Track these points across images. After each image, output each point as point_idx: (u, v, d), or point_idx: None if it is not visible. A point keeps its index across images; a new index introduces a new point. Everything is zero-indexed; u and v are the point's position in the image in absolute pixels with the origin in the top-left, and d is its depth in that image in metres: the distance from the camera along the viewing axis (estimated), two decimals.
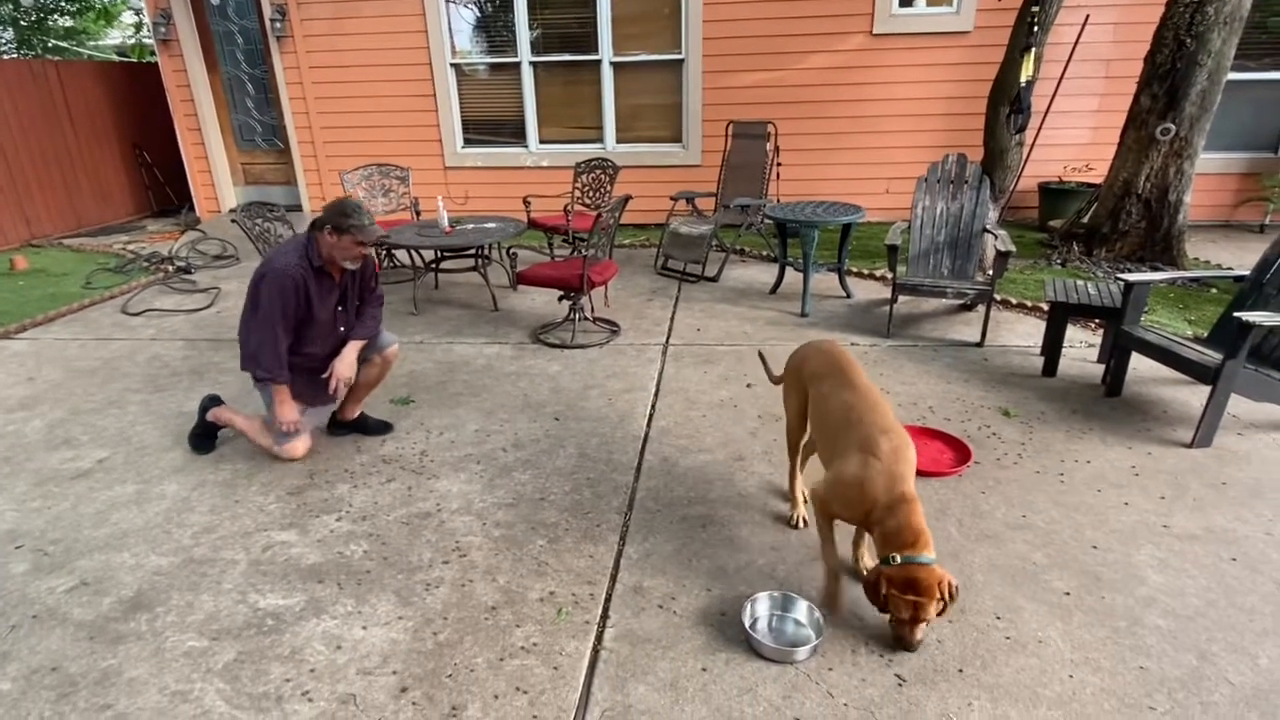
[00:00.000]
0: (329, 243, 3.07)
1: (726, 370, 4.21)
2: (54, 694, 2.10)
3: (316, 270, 3.12)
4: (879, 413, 2.29)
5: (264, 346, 3.06)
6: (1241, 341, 3.05)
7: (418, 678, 2.12)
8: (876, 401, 2.34)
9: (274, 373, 3.12)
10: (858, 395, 2.36)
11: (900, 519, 2.09)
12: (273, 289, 3.01)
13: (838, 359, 2.54)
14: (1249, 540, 2.63)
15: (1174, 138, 5.47)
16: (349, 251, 3.09)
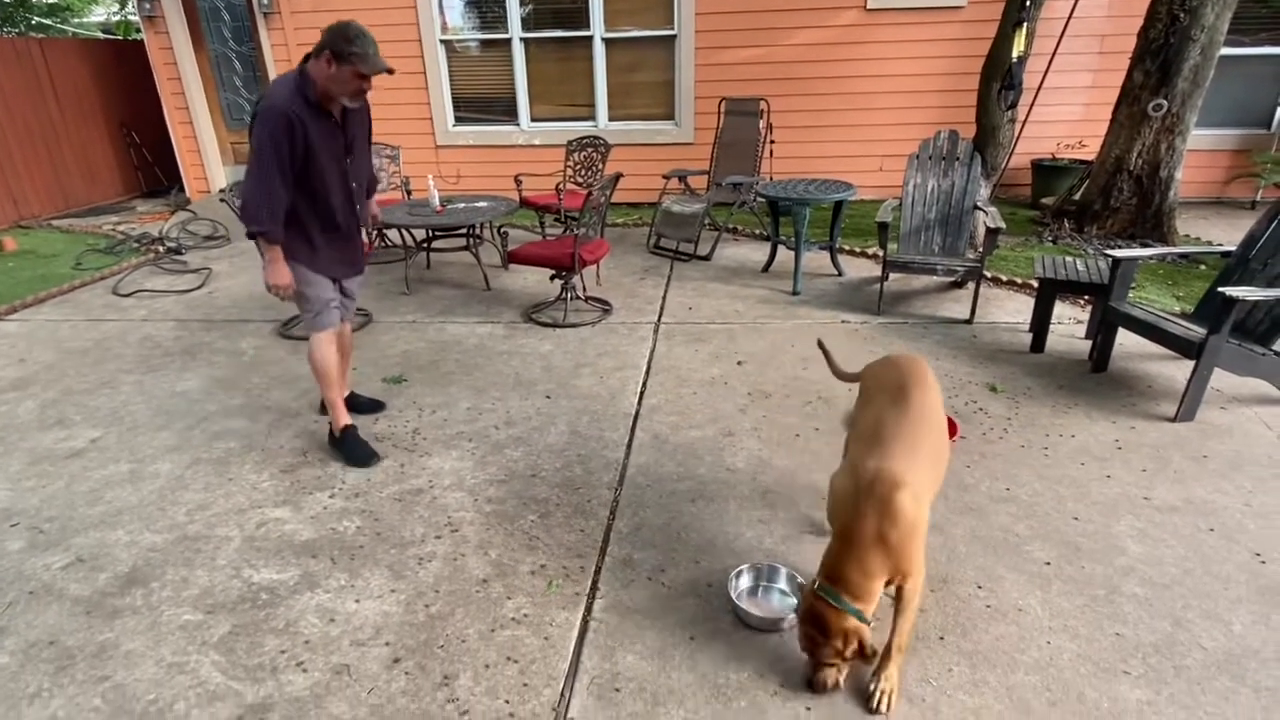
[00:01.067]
0: (326, 73, 2.65)
1: (718, 348, 4.24)
2: (52, 667, 2.14)
3: (313, 107, 2.71)
4: (902, 443, 1.95)
5: (259, 196, 2.70)
6: (1225, 316, 3.08)
7: (410, 649, 2.17)
8: (913, 433, 1.98)
9: (266, 226, 2.73)
10: (899, 415, 2.03)
11: (840, 550, 1.87)
12: (265, 130, 2.64)
13: (907, 374, 2.16)
14: (1227, 511, 2.68)
15: (1166, 114, 5.47)
16: (348, 85, 2.68)
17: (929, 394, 2.12)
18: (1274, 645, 2.09)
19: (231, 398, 3.79)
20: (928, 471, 1.95)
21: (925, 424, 2.02)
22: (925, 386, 2.13)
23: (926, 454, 1.97)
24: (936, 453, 2.03)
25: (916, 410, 2.04)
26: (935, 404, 2.11)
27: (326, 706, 1.98)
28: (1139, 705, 1.92)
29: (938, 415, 2.09)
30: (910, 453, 1.93)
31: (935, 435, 2.04)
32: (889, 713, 1.88)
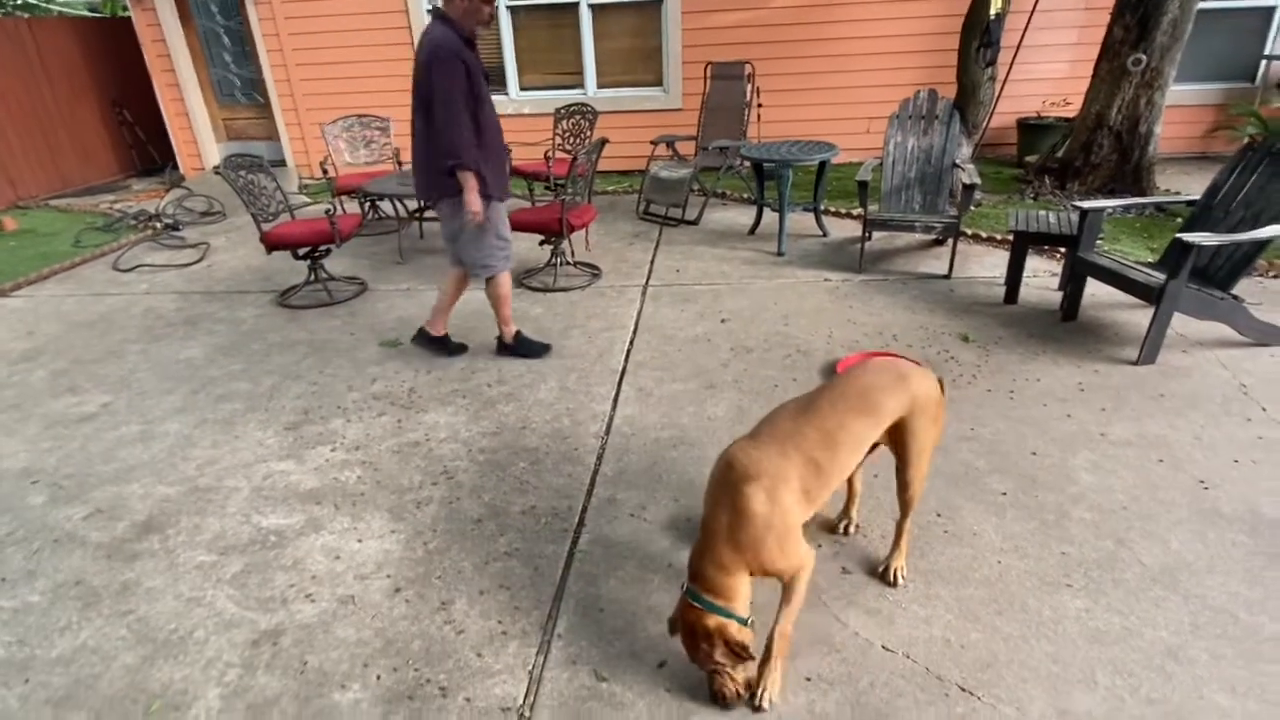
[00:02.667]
0: (463, 9, 3.14)
1: (703, 308, 4.37)
2: (80, 603, 2.32)
3: (467, 44, 3.20)
4: (776, 438, 1.89)
5: (458, 132, 3.14)
6: (1183, 261, 3.21)
7: (410, 580, 2.34)
8: (797, 432, 1.89)
9: (468, 158, 3.19)
10: (797, 410, 1.97)
11: (698, 544, 1.84)
12: (444, 69, 3.08)
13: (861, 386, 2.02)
14: (1178, 444, 2.84)
15: (1145, 68, 5.53)
16: (482, 12, 3.17)
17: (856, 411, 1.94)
18: (1207, 559, 2.27)
19: (233, 363, 3.94)
20: (798, 469, 1.83)
21: (820, 429, 1.89)
22: (859, 405, 1.95)
23: (805, 456, 1.85)
24: (822, 461, 1.86)
25: (820, 414, 1.92)
26: (852, 420, 1.93)
27: (334, 631, 2.16)
28: (1077, 612, 2.09)
29: (848, 432, 1.92)
30: (780, 448, 1.84)
31: (829, 445, 1.88)
32: (770, 709, 1.82)
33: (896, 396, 2.01)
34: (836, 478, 1.94)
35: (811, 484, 1.86)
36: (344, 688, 1.98)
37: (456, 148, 3.18)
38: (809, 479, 1.85)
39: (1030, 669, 1.93)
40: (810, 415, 1.95)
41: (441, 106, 3.14)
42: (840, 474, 1.95)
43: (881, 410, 2.00)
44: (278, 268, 5.38)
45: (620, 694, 1.92)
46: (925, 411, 2.05)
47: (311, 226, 4.68)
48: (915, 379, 2.06)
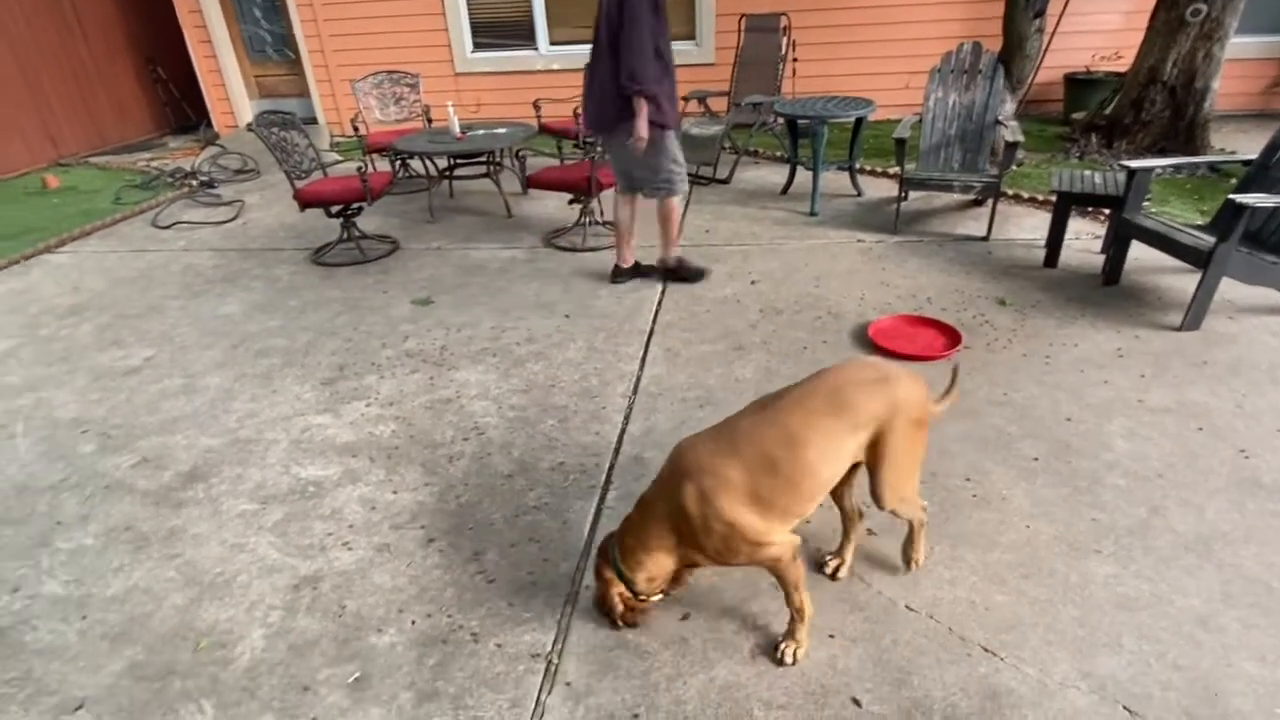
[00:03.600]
0: None
1: (732, 269, 4.33)
2: (130, 547, 2.43)
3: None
4: (724, 439, 1.84)
5: (642, 61, 3.39)
6: (1235, 224, 3.08)
7: (443, 531, 2.41)
8: (749, 434, 1.81)
9: (646, 84, 3.43)
10: (757, 410, 1.89)
11: (631, 513, 1.95)
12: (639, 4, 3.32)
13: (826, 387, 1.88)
14: (1219, 412, 2.77)
15: (1205, 19, 5.24)
16: None
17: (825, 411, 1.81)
18: (1244, 529, 2.23)
19: (270, 319, 4.02)
20: (745, 471, 1.76)
21: (780, 426, 1.79)
22: (830, 403, 1.82)
23: (758, 455, 1.77)
24: (782, 461, 1.76)
25: (783, 411, 1.83)
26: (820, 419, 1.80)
27: (370, 577, 2.24)
28: (1105, 578, 2.08)
29: (816, 431, 1.78)
30: (731, 447, 1.80)
31: (790, 444, 1.77)
32: (794, 664, 1.88)
33: (876, 398, 1.81)
34: (805, 483, 1.78)
35: (765, 486, 1.75)
36: (380, 631, 2.06)
37: (642, 76, 3.41)
38: (761, 480, 1.76)
39: (1056, 632, 1.93)
40: (772, 412, 1.84)
41: (631, 37, 3.37)
42: (809, 479, 1.78)
43: (856, 411, 1.80)
44: (311, 225, 5.44)
45: (645, 643, 1.97)
46: (908, 416, 1.84)
47: (344, 184, 4.71)
48: (899, 382, 1.85)
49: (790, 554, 1.83)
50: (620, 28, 3.40)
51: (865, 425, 1.82)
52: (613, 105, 3.62)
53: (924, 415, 1.89)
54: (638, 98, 3.47)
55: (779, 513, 1.80)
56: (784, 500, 1.79)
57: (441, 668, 1.94)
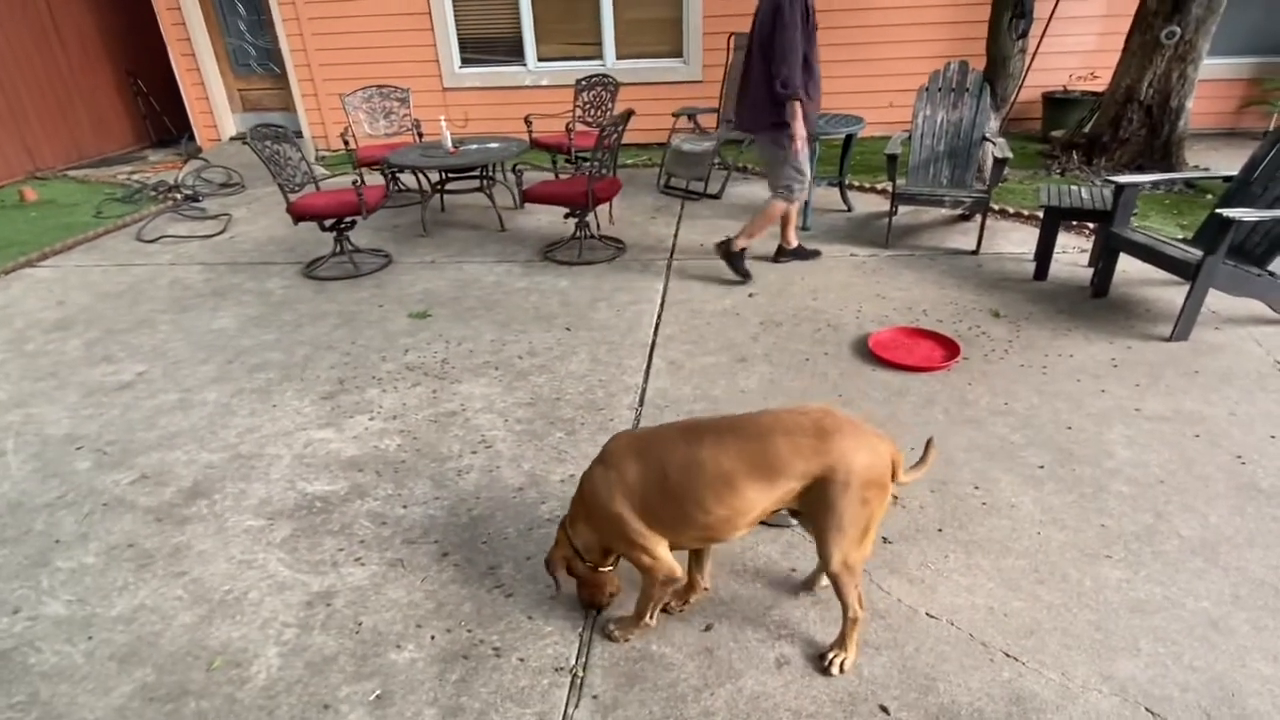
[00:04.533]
0: None
1: (730, 282, 4.37)
2: (134, 565, 2.37)
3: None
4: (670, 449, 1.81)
5: (792, 66, 3.63)
6: (1221, 237, 3.18)
7: (456, 545, 2.39)
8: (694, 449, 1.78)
9: (794, 88, 3.69)
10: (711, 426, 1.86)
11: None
12: (792, 11, 3.57)
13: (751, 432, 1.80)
14: (1213, 420, 2.85)
15: (1179, 41, 5.43)
16: None
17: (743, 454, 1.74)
18: (1246, 533, 2.29)
19: (265, 333, 3.97)
20: (642, 476, 1.80)
21: (688, 452, 1.77)
22: (751, 450, 1.73)
23: (658, 468, 1.79)
24: (676, 484, 1.77)
25: (701, 439, 1.79)
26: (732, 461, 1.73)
27: (386, 592, 2.21)
28: (1118, 583, 2.12)
29: (719, 471, 1.73)
30: (645, 449, 1.84)
31: (688, 472, 1.75)
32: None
33: (804, 454, 1.70)
34: (693, 513, 1.75)
35: (654, 497, 1.77)
36: (399, 647, 2.03)
37: (792, 81, 3.66)
38: (652, 490, 1.77)
39: (1073, 636, 1.96)
40: (693, 434, 1.82)
41: (783, 41, 3.60)
42: (698, 511, 1.74)
43: (776, 461, 1.71)
44: (301, 239, 5.39)
45: (670, 655, 1.96)
46: (855, 478, 1.69)
47: (338, 197, 4.68)
48: (840, 440, 1.70)
49: (664, 574, 1.85)
50: (773, 32, 3.63)
51: (789, 478, 1.72)
52: (763, 108, 3.85)
53: (878, 479, 1.73)
54: (791, 102, 3.71)
55: (664, 528, 1.82)
56: (669, 519, 1.80)
57: (464, 683, 1.91)
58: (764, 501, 1.75)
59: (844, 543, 1.75)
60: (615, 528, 1.85)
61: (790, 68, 3.66)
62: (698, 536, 1.85)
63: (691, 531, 1.83)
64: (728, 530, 1.82)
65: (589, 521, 1.92)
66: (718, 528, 1.80)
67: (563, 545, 1.99)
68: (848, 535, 1.74)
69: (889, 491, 1.78)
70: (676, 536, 1.85)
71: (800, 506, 1.79)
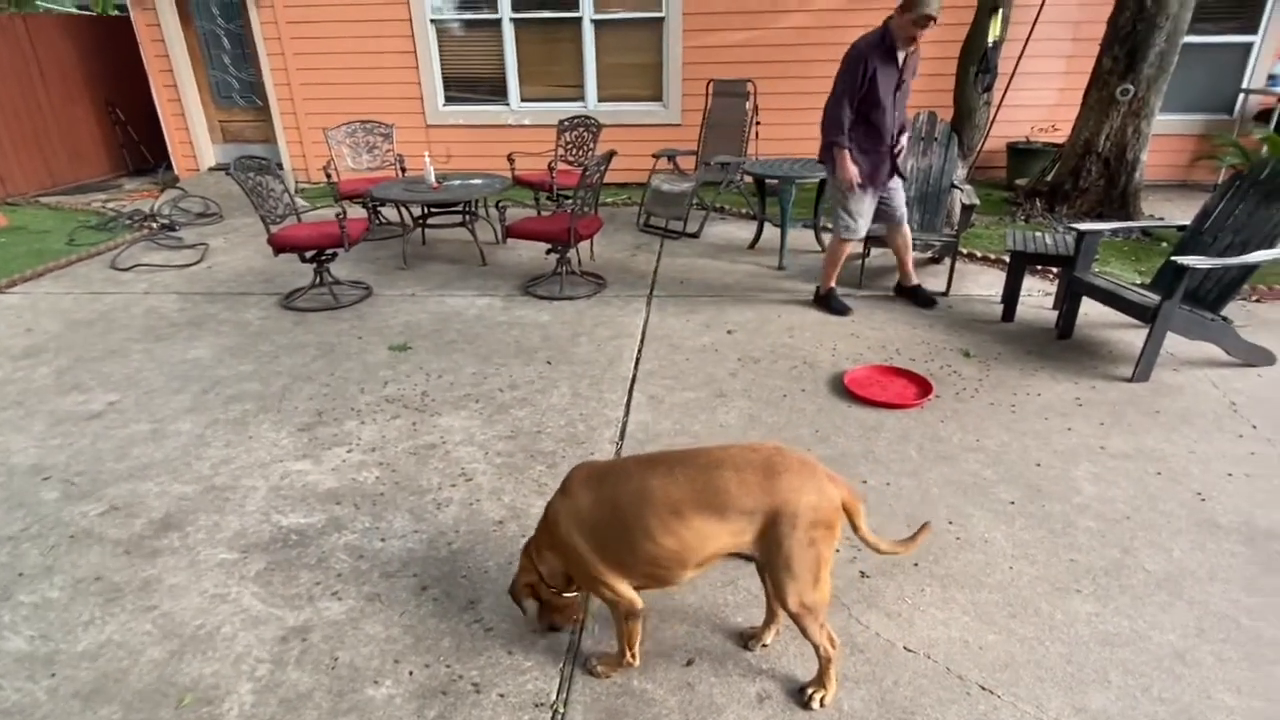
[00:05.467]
0: (897, 21, 3.72)
1: (708, 319, 4.44)
2: (101, 599, 2.31)
3: (885, 50, 3.79)
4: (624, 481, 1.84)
5: (834, 115, 3.89)
6: (1177, 283, 3.34)
7: (435, 579, 2.37)
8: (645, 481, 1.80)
9: (835, 136, 3.93)
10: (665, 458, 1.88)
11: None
12: (845, 63, 3.84)
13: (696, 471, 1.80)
14: (1174, 458, 2.95)
15: (1133, 98, 5.73)
16: (906, 30, 3.70)
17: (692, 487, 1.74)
18: (1208, 567, 2.36)
19: (242, 364, 3.94)
20: (594, 509, 1.83)
21: (640, 484, 1.79)
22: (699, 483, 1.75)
23: (611, 501, 1.81)
24: (628, 515, 1.78)
25: (655, 471, 1.81)
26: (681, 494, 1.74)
27: (363, 627, 2.18)
28: (1088, 616, 2.18)
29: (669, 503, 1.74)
30: (600, 481, 1.87)
31: (639, 503, 1.77)
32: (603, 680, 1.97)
33: (750, 491, 1.71)
34: (642, 544, 1.75)
35: (605, 529, 1.79)
36: (376, 683, 1.99)
37: (827, 128, 3.96)
38: (603, 523, 1.80)
39: (1046, 669, 2.00)
40: (647, 465, 1.85)
41: (831, 92, 3.90)
42: (647, 542, 1.75)
43: (723, 497, 1.72)
44: (279, 270, 5.38)
45: (651, 691, 1.96)
46: (801, 517, 1.69)
47: (320, 229, 4.70)
48: (789, 479, 1.71)
49: (625, 608, 1.87)
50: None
51: (736, 513, 1.72)
52: (823, 148, 4.12)
53: (825, 520, 1.72)
54: (836, 149, 3.99)
55: (615, 563, 1.81)
56: (619, 552, 1.80)
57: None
58: (713, 539, 1.74)
59: (797, 584, 1.74)
60: (572, 558, 1.87)
61: (828, 118, 3.94)
62: (646, 572, 1.82)
63: (640, 566, 1.80)
64: (676, 567, 1.79)
65: (552, 549, 1.93)
66: (666, 562, 1.78)
67: (527, 571, 1.99)
68: (799, 577, 1.73)
69: (836, 534, 1.77)
70: (626, 571, 1.82)
71: (755, 553, 1.77)
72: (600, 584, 1.85)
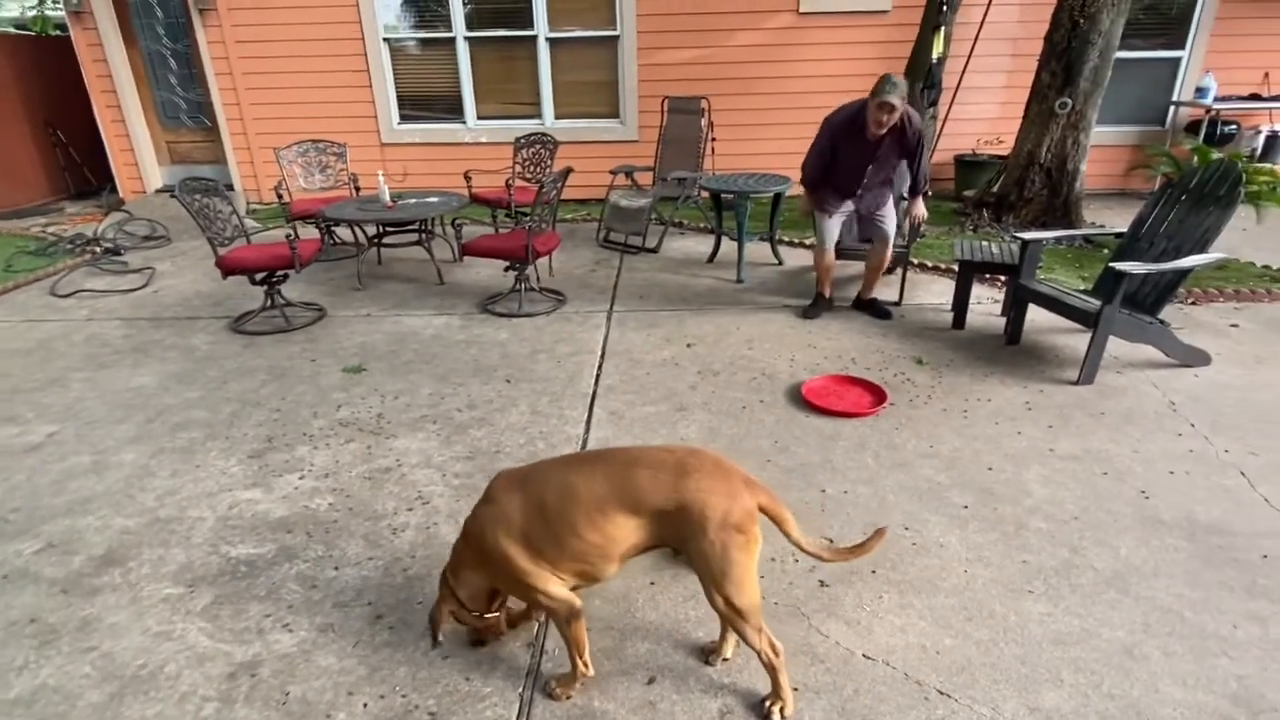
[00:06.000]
0: (869, 105, 4.02)
1: (668, 333, 4.46)
2: (36, 641, 2.21)
3: (853, 127, 4.12)
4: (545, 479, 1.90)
5: (807, 163, 4.38)
6: (1116, 288, 3.46)
7: (391, 606, 2.31)
8: (568, 476, 1.87)
9: (805, 181, 4.44)
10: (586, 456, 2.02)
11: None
12: (821, 127, 4.28)
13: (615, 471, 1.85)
14: (1119, 458, 3.04)
15: (1071, 111, 5.95)
16: (872, 114, 3.99)
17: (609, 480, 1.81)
18: (1153, 563, 2.43)
19: (189, 390, 3.82)
20: (522, 510, 1.85)
21: (562, 479, 1.86)
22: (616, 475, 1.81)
23: (536, 500, 1.85)
24: (552, 512, 1.83)
25: (576, 467, 1.90)
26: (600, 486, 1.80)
27: (315, 660, 2.12)
28: (1040, 616, 2.22)
29: (591, 496, 1.80)
30: (523, 484, 1.90)
31: (563, 498, 1.83)
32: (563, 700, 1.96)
33: (659, 489, 1.76)
34: (569, 541, 1.80)
35: (536, 530, 1.82)
36: (329, 717, 1.94)
37: (804, 173, 4.45)
38: (534, 523, 1.83)
39: (1001, 670, 2.03)
40: (568, 464, 1.93)
41: (812, 143, 4.36)
42: (574, 538, 1.80)
43: (635, 493, 1.77)
44: (229, 293, 5.25)
45: (613, 711, 1.94)
46: (702, 528, 1.71)
47: (270, 251, 4.60)
48: (700, 484, 1.74)
49: (564, 611, 1.88)
50: None
51: (647, 510, 1.77)
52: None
53: (736, 524, 1.72)
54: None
55: (549, 562, 1.85)
56: (551, 551, 1.84)
57: None
58: (633, 534, 1.81)
59: (716, 585, 1.77)
60: (503, 568, 1.86)
61: (804, 165, 4.44)
62: (575, 569, 1.86)
63: (568, 562, 1.84)
64: (602, 562, 1.85)
65: (477, 566, 1.93)
66: (593, 558, 1.83)
67: (447, 599, 1.98)
68: (715, 578, 1.76)
69: (751, 539, 1.75)
70: (555, 568, 1.85)
71: (674, 545, 1.85)
72: (534, 590, 1.86)
